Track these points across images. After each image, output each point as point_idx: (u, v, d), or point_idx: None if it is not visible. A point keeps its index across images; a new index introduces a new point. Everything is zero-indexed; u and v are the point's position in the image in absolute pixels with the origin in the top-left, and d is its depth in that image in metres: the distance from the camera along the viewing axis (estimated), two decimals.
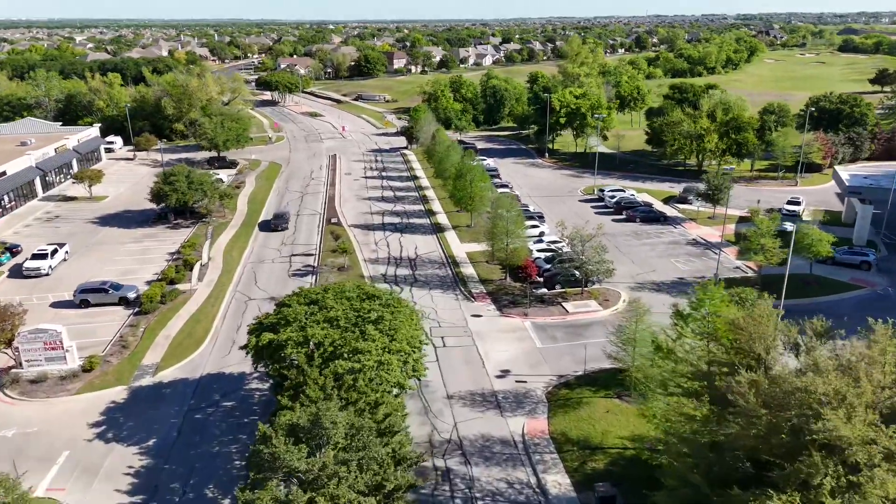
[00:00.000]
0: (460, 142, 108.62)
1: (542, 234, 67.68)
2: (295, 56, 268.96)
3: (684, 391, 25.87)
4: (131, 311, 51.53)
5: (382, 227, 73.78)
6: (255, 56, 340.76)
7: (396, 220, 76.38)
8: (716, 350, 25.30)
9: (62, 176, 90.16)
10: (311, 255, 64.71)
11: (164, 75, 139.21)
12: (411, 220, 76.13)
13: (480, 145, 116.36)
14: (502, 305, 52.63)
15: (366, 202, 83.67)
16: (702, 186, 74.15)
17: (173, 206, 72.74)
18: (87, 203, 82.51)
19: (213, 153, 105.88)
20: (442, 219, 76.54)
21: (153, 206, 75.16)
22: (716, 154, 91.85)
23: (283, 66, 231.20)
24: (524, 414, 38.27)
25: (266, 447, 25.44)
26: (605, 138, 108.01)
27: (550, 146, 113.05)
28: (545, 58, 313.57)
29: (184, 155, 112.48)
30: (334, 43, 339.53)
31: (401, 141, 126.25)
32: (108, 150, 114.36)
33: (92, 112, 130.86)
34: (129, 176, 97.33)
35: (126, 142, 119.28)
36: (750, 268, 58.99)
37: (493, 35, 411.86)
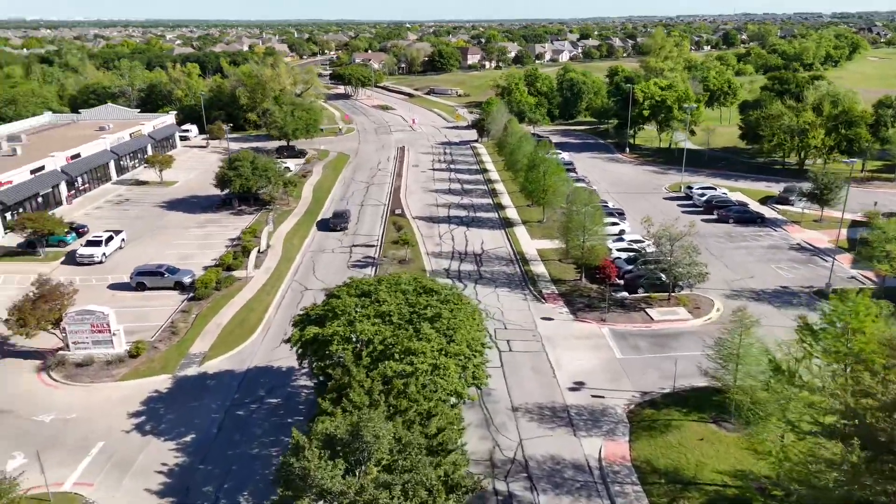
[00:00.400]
0: (534, 135, 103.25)
1: (622, 231, 61.68)
2: (369, 51, 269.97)
3: (823, 429, 20.17)
4: (186, 297, 49.68)
5: (448, 219, 69.74)
6: (332, 52, 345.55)
7: (463, 213, 72.16)
8: (865, 377, 19.49)
9: (136, 161, 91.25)
10: (373, 245, 61.41)
11: (240, 66, 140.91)
12: (479, 214, 71.71)
13: (555, 139, 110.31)
14: (577, 309, 47.37)
15: (432, 194, 79.91)
16: (807, 186, 65.93)
17: (237, 191, 71.40)
18: (158, 187, 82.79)
19: (283, 142, 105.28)
20: (511, 213, 71.72)
21: (218, 192, 74.08)
22: (822, 151, 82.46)
23: (357, 60, 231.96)
24: (601, 435, 33.07)
25: (298, 460, 21.67)
26: (692, 133, 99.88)
27: (631, 141, 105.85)
28: (625, 54, 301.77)
29: (254, 144, 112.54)
30: (409, 40, 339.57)
31: (471, 134, 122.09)
32: (183, 138, 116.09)
33: (171, 101, 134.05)
34: (199, 163, 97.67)
35: (201, 130, 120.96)
36: (869, 278, 51.06)
37: (571, 31, 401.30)
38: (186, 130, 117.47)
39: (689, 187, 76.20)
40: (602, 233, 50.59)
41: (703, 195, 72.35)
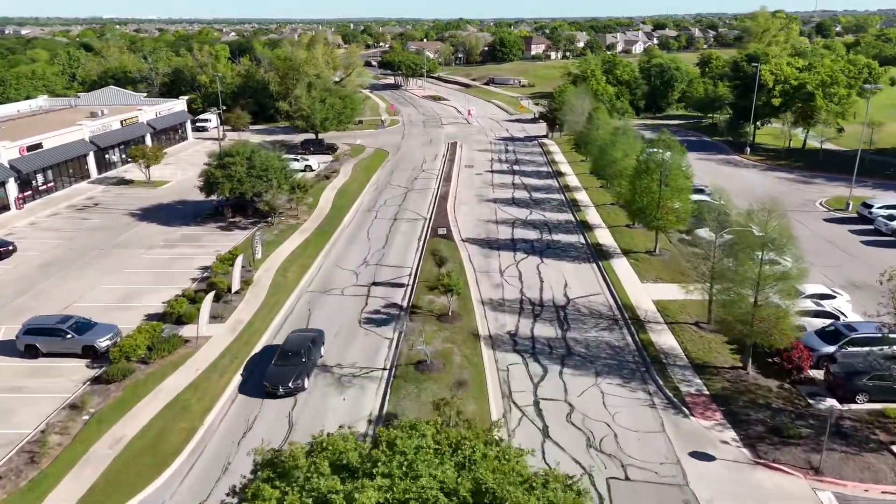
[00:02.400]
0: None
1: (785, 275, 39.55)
2: (425, 40, 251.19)
3: None
4: (93, 373, 31.06)
5: (512, 244, 49.10)
6: (387, 44, 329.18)
7: (533, 234, 51.40)
8: None
9: (127, 155, 74.53)
10: (402, 285, 41.54)
11: (274, 50, 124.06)
12: (556, 237, 50.77)
13: (646, 137, 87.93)
14: (752, 434, 26.05)
15: (489, 206, 59.41)
16: None
17: (228, 197, 52.96)
18: (143, 188, 65.49)
19: (311, 135, 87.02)
20: (604, 237, 50.42)
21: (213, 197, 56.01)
22: None
23: (412, 49, 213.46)
24: None
25: None
26: (840, 130, 75.76)
27: (751, 139, 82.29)
28: (705, 45, 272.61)
29: (280, 136, 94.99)
30: (469, 31, 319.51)
31: (539, 129, 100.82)
32: (201, 128, 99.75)
33: (196, 87, 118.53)
34: (205, 159, 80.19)
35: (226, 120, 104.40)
36: None
37: (643, 23, 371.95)
38: (206, 120, 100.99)
39: (866, 205, 52.81)
40: (794, 293, 28.96)
41: (892, 217, 49.14)
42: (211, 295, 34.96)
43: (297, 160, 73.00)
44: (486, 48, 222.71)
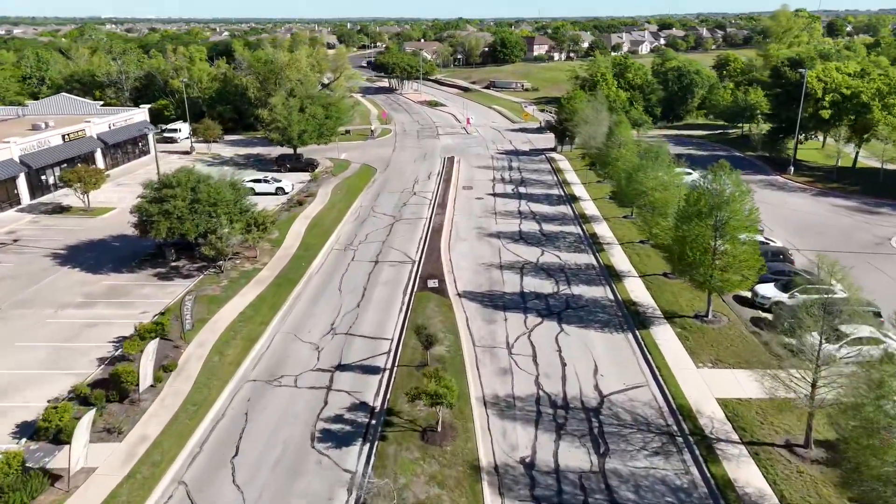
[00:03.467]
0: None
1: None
2: (423, 40, 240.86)
3: None
4: None
5: (521, 301, 38.68)
6: (384, 44, 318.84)
7: (548, 285, 40.97)
8: None
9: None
10: (378, 370, 31.15)
11: (255, 52, 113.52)
12: (576, 290, 40.38)
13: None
14: None
15: (492, 243, 49.05)
16: None
17: (165, 238, 42.50)
18: (78, 219, 55.07)
19: (289, 150, 76.67)
20: (638, 290, 39.97)
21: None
22: None
23: (408, 50, 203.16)
24: None
25: None
26: None
27: (792, 155, 71.86)
28: (714, 46, 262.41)
29: (258, 149, 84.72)
30: (468, 31, 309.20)
31: (546, 140, 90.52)
32: (168, 139, 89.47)
33: (168, 93, 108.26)
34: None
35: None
36: None
37: (648, 22, 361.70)
38: (174, 130, 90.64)
39: None
40: None
41: None
42: (91, 413, 24.45)
43: (268, 181, 62.71)
44: (487, 49, 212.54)
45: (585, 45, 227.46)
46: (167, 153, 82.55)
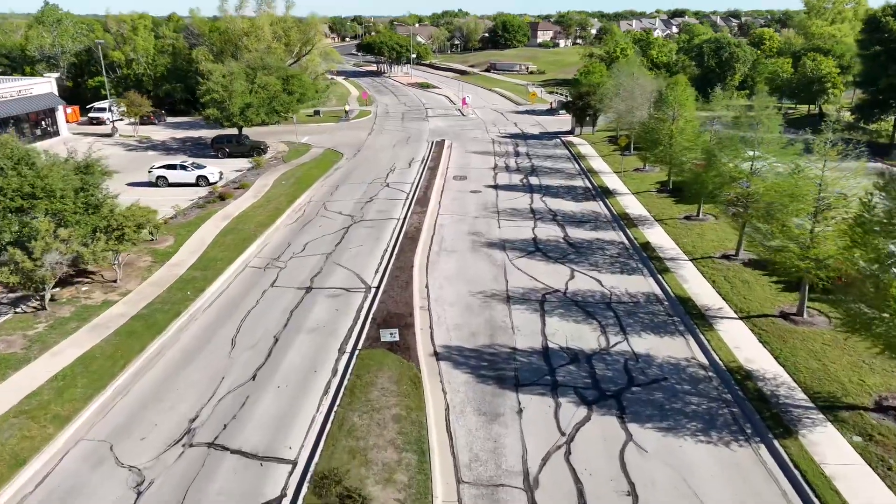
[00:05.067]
0: None
1: None
2: (417, 25, 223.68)
3: None
4: None
5: (547, 370, 21.53)
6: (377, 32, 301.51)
7: (589, 334, 23.78)
8: None
9: None
10: None
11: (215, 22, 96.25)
12: (640, 343, 23.20)
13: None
14: None
15: (493, 256, 31.98)
16: None
17: None
18: None
19: (232, 130, 59.66)
20: (750, 349, 22.69)
21: None
22: None
23: (400, 32, 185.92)
24: None
25: None
26: None
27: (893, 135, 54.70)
28: (731, 34, 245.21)
29: (200, 133, 67.69)
30: (468, 18, 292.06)
31: (559, 123, 73.48)
32: (95, 120, 72.67)
33: (110, 68, 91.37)
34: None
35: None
36: None
37: (657, 12, 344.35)
38: (101, 110, 73.61)
39: None
40: None
41: None
42: None
43: (186, 168, 45.73)
44: (487, 34, 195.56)
45: (594, 31, 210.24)
46: (83, 135, 65.56)
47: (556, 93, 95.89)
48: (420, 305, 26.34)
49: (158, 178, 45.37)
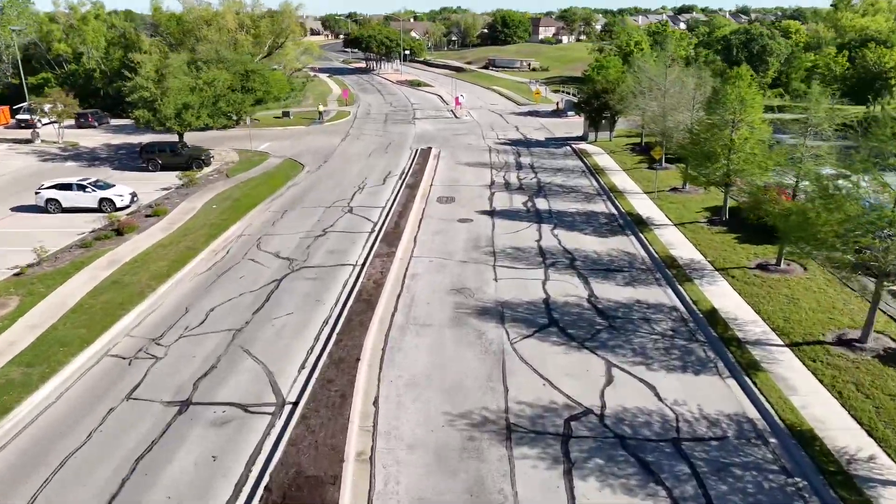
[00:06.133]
0: None
1: None
2: (413, 20, 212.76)
3: None
4: None
5: None
6: None
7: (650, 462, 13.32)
8: None
9: None
10: None
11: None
12: (716, 470, 12.66)
13: None
14: None
15: (486, 333, 20.92)
16: None
17: None
18: None
19: (170, 135, 48.68)
20: None
21: None
22: None
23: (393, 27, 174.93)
24: None
25: None
26: None
27: None
28: None
29: (142, 138, 56.47)
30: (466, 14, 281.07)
31: (568, 125, 62.61)
32: (24, 125, 61.82)
33: (55, 63, 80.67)
34: None
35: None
36: None
37: (663, 8, 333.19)
38: (31, 111, 62.62)
39: None
40: None
41: None
42: None
43: (86, 189, 34.85)
44: (486, 30, 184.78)
45: (598, 26, 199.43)
46: (7, 141, 54.71)
47: (563, 91, 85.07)
48: (358, 451, 15.45)
49: (48, 201, 34.55)
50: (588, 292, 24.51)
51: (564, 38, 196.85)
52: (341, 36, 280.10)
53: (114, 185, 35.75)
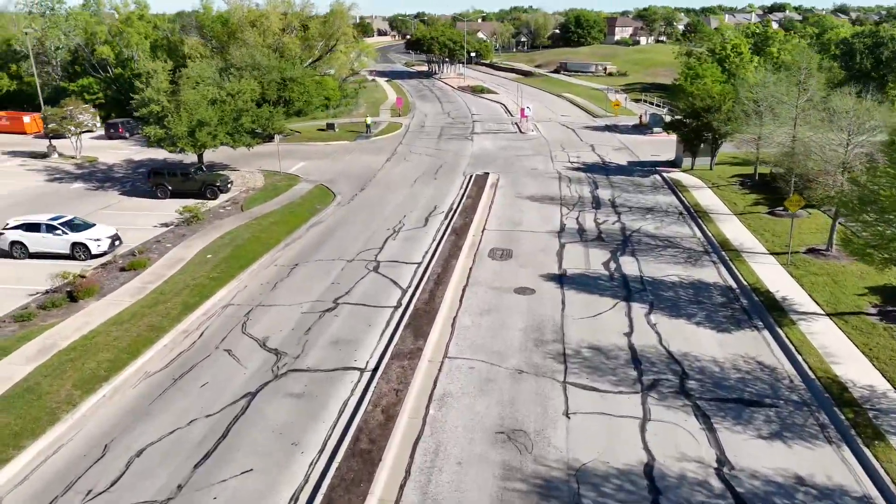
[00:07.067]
0: None
1: None
2: (481, 21, 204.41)
3: None
4: None
5: None
6: None
7: None
8: None
9: None
10: None
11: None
12: None
13: None
14: None
15: None
16: None
17: None
18: None
19: (183, 155, 42.18)
20: None
21: None
22: None
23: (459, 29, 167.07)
24: None
25: None
26: None
27: None
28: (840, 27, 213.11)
29: (168, 154, 50.50)
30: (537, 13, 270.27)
31: (655, 145, 52.64)
32: (52, 134, 57.38)
33: (99, 67, 77.01)
34: None
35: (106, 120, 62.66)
36: None
37: (750, 7, 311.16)
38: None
39: None
40: None
41: None
42: None
43: (57, 231, 28.24)
44: (557, 31, 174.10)
45: (681, 26, 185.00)
46: (9, 155, 49.96)
47: (646, 101, 74.61)
48: None
49: (13, 244, 28.20)
50: (715, 453, 15.42)
51: (643, 40, 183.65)
52: (409, 37, 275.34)
53: (93, 226, 29.08)
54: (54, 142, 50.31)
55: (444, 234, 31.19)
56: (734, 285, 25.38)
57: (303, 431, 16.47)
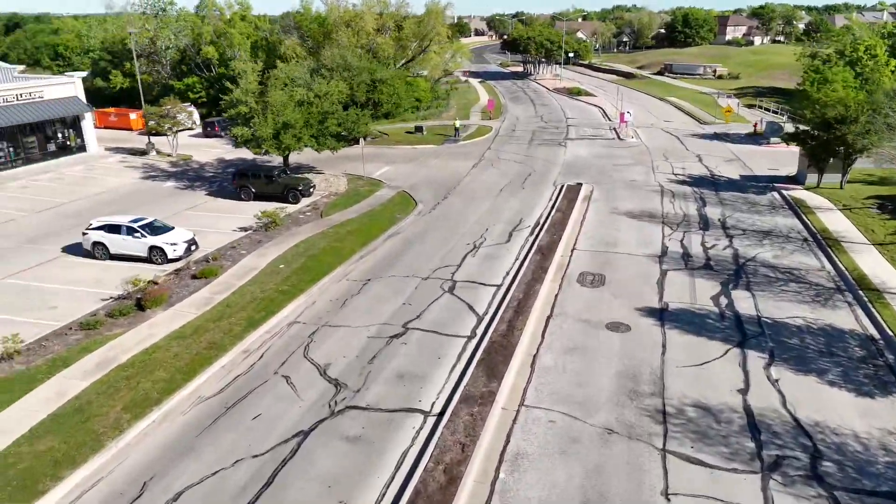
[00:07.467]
0: None
1: None
2: (581, 20, 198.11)
3: None
4: None
5: None
6: None
7: None
8: None
9: None
10: None
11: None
12: None
13: None
14: None
15: None
16: None
17: None
18: None
19: (269, 156, 41.88)
20: None
21: None
22: None
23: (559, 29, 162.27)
24: None
25: None
26: None
27: None
28: None
29: (263, 156, 50.91)
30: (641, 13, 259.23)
31: (772, 157, 47.18)
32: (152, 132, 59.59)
33: (204, 66, 79.80)
34: (64, 192, 38.70)
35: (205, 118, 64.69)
36: None
37: (881, 4, 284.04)
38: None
39: None
40: None
41: None
42: None
43: (137, 233, 28.04)
44: (662, 30, 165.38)
45: (801, 25, 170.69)
46: (113, 151, 51.90)
47: (762, 107, 68.03)
48: None
49: (95, 244, 28.33)
50: None
51: (756, 40, 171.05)
52: (506, 36, 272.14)
53: (171, 229, 28.76)
54: (154, 139, 51.90)
55: (528, 252, 28.50)
56: (877, 335, 21.08)
57: (354, 487, 14.47)
